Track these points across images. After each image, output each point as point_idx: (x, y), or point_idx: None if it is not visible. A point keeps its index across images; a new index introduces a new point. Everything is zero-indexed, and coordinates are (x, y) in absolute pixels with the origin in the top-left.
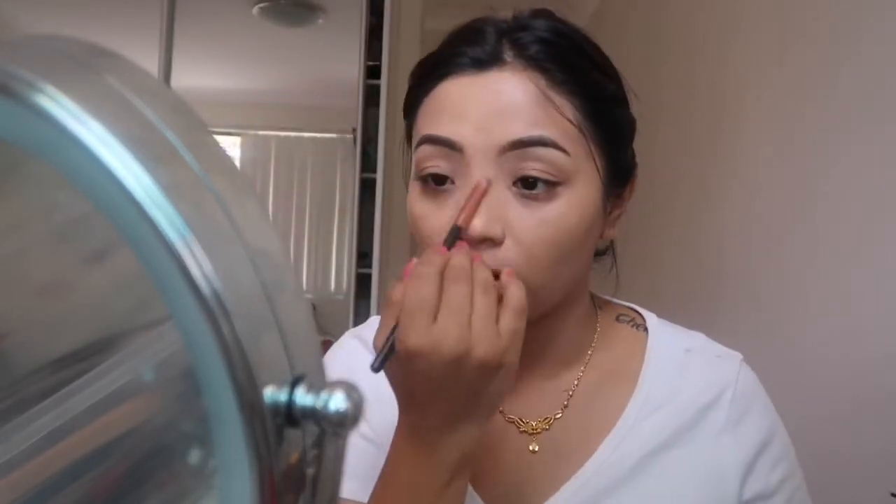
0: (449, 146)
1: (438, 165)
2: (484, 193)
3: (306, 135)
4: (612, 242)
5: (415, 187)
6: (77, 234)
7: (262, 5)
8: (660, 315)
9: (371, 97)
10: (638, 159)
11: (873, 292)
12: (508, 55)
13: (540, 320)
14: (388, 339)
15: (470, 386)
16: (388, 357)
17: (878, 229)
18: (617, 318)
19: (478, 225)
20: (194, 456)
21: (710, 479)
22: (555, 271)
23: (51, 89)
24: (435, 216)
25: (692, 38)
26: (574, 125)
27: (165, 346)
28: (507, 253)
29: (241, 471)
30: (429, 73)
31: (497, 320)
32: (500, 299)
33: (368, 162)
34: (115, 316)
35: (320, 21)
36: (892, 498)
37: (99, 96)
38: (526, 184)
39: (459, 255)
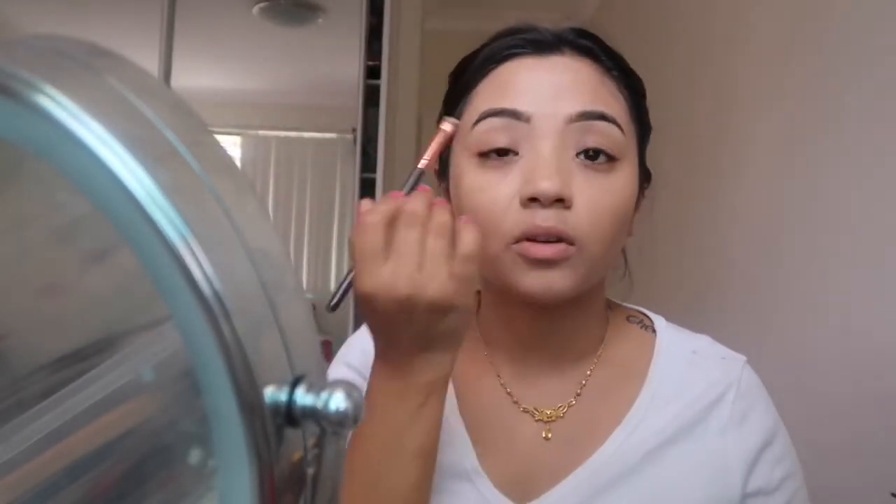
0: (515, 117)
1: (502, 140)
2: (450, 138)
3: (306, 135)
4: (622, 248)
5: (471, 163)
6: (77, 234)
7: (262, 5)
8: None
9: (371, 97)
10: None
11: (873, 292)
12: (564, 46)
13: (570, 310)
14: (343, 280)
15: (424, 323)
16: (343, 298)
17: (878, 230)
18: (627, 319)
19: (552, 186)
20: (194, 456)
21: (714, 473)
22: (610, 242)
23: (51, 89)
24: (499, 186)
25: (696, 41)
26: (627, 109)
27: (165, 346)
28: (575, 216)
29: (241, 471)
30: (486, 60)
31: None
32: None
33: (368, 162)
34: (115, 316)
35: (320, 21)
36: (893, 498)
37: (99, 96)
38: (588, 155)
39: (415, 201)
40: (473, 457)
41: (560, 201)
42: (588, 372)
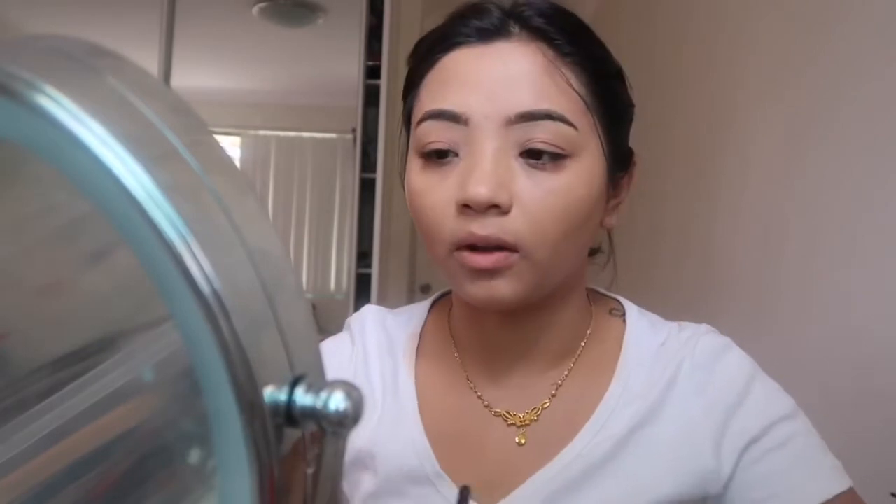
0: (454, 119)
1: (441, 140)
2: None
3: (306, 135)
4: (609, 234)
5: (415, 163)
6: (77, 234)
7: (262, 5)
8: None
9: (371, 97)
10: (637, 158)
11: (873, 292)
12: (514, 27)
13: (537, 310)
14: None
15: None
16: None
17: (877, 229)
18: (609, 312)
19: (484, 192)
20: (194, 456)
21: (680, 449)
22: (561, 246)
23: (51, 89)
24: (437, 189)
25: (694, 39)
26: (581, 98)
27: (165, 346)
28: (514, 222)
29: (241, 471)
30: (431, 49)
31: None
32: None
33: (368, 162)
34: (115, 316)
35: (320, 21)
36: (892, 498)
37: (99, 96)
38: (532, 155)
39: None
40: (433, 461)
41: (496, 207)
42: (566, 372)
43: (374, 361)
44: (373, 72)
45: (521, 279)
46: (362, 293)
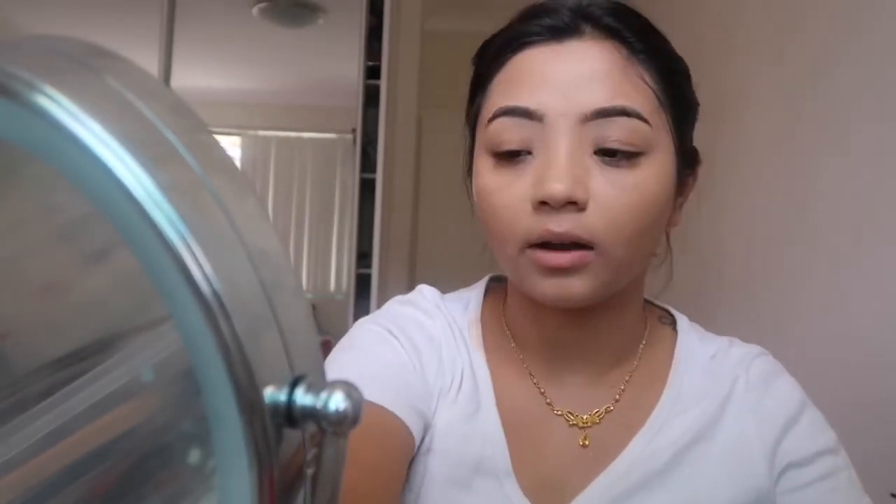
0: (528, 116)
1: (515, 140)
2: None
3: (306, 135)
4: (667, 235)
5: (486, 162)
6: (77, 234)
7: (262, 5)
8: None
9: (371, 97)
10: (702, 157)
11: (873, 293)
12: (585, 26)
13: (601, 310)
14: None
15: None
16: None
17: (876, 230)
18: (660, 320)
19: (562, 189)
20: (194, 456)
21: (736, 465)
22: (635, 243)
23: (50, 89)
24: (512, 188)
25: (692, 39)
26: (655, 94)
27: (165, 346)
28: (591, 219)
29: (241, 471)
30: (501, 49)
31: None
32: None
33: (368, 162)
34: (115, 316)
35: (320, 21)
36: (892, 498)
37: (98, 96)
38: (607, 153)
39: None
40: (507, 457)
41: (573, 204)
42: (627, 377)
43: (450, 343)
44: (373, 72)
45: (596, 277)
46: (362, 293)
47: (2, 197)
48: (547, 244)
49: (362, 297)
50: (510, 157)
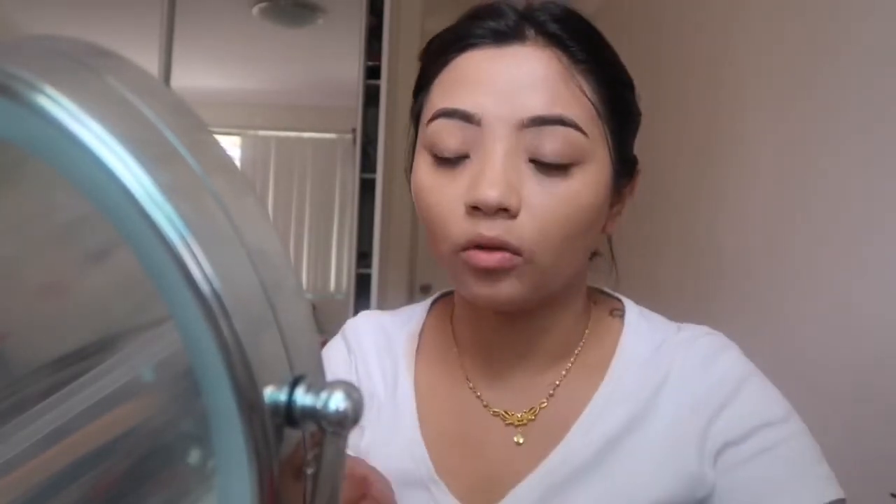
0: (466, 119)
1: (452, 142)
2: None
3: (306, 135)
4: (609, 240)
5: (425, 160)
6: (77, 234)
7: (262, 5)
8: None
9: (371, 97)
10: (640, 167)
11: (873, 292)
12: (529, 32)
13: (537, 311)
14: None
15: None
16: None
17: (877, 228)
18: (611, 313)
19: (494, 196)
20: (194, 456)
21: (668, 452)
22: (564, 251)
23: (50, 89)
24: (447, 188)
25: (691, 36)
26: (593, 105)
27: (165, 346)
28: (521, 226)
29: (241, 471)
30: (444, 48)
31: None
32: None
33: (368, 162)
34: (115, 316)
35: (320, 21)
36: (892, 498)
37: (99, 96)
38: (542, 160)
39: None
40: (429, 465)
41: (505, 210)
42: (563, 372)
43: (374, 362)
44: (373, 72)
45: (523, 282)
46: (362, 293)
47: (2, 197)
48: (478, 245)
49: (362, 297)
50: (448, 157)
